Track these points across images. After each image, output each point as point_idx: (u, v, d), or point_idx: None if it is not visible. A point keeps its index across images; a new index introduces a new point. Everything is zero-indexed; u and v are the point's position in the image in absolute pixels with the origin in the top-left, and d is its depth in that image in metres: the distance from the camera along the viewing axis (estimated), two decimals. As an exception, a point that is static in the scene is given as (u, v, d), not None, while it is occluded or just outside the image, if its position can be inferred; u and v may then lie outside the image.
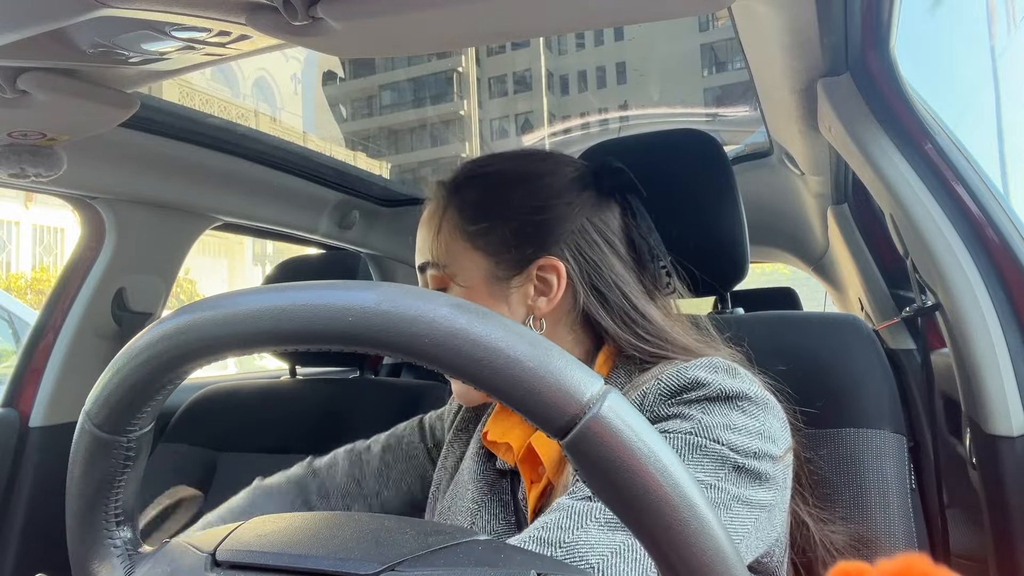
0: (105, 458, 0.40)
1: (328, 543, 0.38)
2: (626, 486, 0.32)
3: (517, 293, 0.71)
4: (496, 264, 0.71)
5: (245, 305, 0.36)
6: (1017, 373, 0.81)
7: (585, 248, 0.72)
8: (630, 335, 0.70)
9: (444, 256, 0.72)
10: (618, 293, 0.71)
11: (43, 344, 1.35)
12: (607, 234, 0.73)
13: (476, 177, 0.75)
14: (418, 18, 0.59)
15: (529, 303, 0.71)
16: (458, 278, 0.71)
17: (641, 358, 0.70)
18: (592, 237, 0.72)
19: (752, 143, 1.69)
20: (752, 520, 0.57)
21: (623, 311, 0.71)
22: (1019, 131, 6.96)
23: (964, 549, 0.95)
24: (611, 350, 0.72)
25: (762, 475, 0.58)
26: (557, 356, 0.33)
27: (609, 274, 0.72)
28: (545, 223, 0.71)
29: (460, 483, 0.77)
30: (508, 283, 0.71)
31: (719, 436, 0.58)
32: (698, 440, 0.57)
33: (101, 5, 0.55)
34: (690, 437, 0.58)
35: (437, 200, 0.75)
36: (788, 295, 2.30)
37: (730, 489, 0.56)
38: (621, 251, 0.74)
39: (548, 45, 31.95)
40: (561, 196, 0.73)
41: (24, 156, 0.89)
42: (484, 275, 0.71)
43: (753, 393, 0.62)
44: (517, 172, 0.75)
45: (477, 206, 0.72)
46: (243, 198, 1.49)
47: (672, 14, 0.63)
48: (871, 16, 0.85)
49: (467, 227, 0.72)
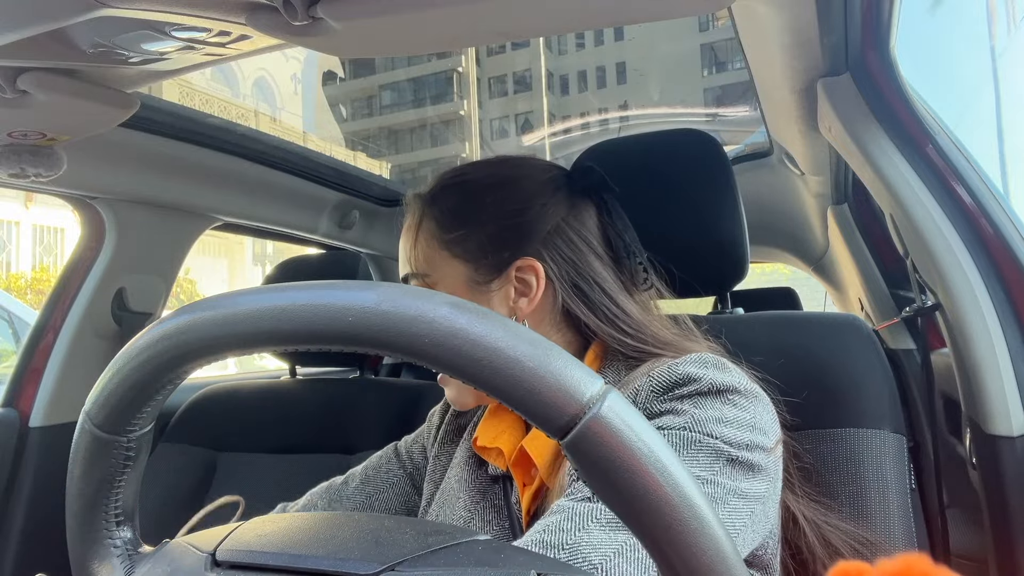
0: (105, 458, 0.40)
1: (328, 543, 0.38)
2: (626, 486, 0.32)
3: (498, 296, 0.72)
4: (475, 269, 0.72)
5: (245, 305, 0.36)
6: (1017, 373, 0.81)
7: (562, 247, 0.73)
8: (612, 330, 0.71)
9: (424, 266, 0.74)
10: (598, 290, 0.73)
11: (43, 344, 1.35)
12: (583, 233, 0.75)
13: (450, 187, 0.77)
14: (418, 18, 0.59)
15: (511, 304, 0.72)
16: (439, 286, 0.72)
17: (627, 355, 0.71)
18: (568, 236, 0.74)
19: (752, 143, 1.69)
20: (748, 513, 0.58)
21: (604, 307, 0.72)
22: (1019, 131, 6.95)
23: (964, 549, 0.95)
24: (599, 348, 0.73)
25: (755, 467, 0.59)
26: (557, 356, 0.33)
27: (588, 271, 0.73)
28: (520, 225, 0.73)
29: (449, 492, 0.77)
30: (488, 287, 0.72)
31: (712, 430, 0.59)
32: (692, 435, 0.58)
33: (101, 5, 0.55)
34: (684, 432, 0.58)
35: (413, 212, 0.76)
36: (788, 295, 2.30)
37: (726, 483, 0.57)
38: (598, 249, 0.75)
39: (548, 45, 31.96)
40: (535, 198, 0.74)
41: (24, 156, 0.89)
42: (464, 281, 0.72)
43: (742, 386, 0.63)
44: (491, 178, 0.76)
45: (453, 215, 0.74)
46: (243, 198, 1.49)
47: (672, 14, 0.63)
48: (871, 16, 0.85)
49: (444, 236, 0.73)
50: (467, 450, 0.79)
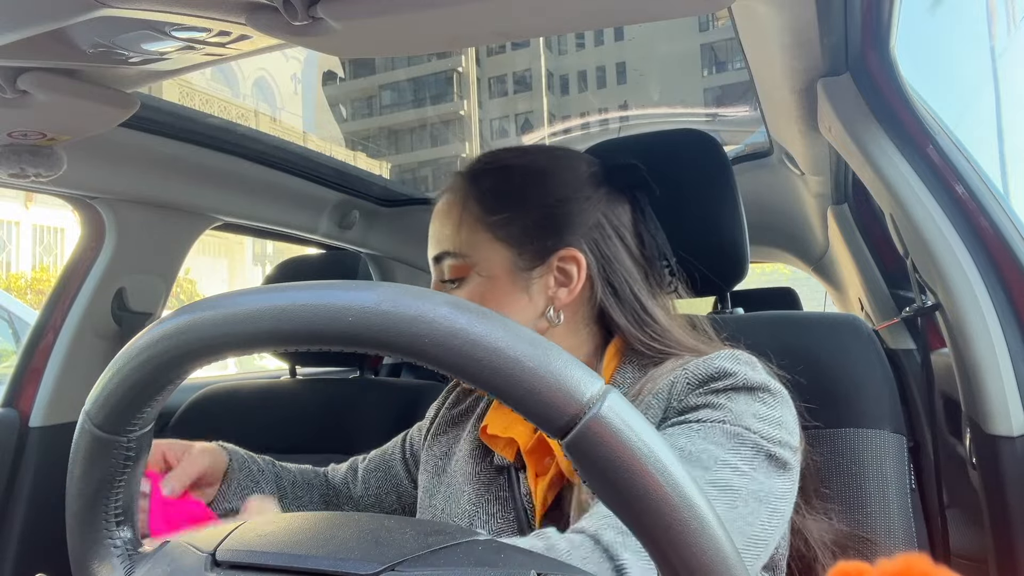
0: (105, 458, 0.40)
1: (328, 543, 0.38)
2: (626, 486, 0.32)
3: (538, 283, 0.72)
4: (518, 254, 0.72)
5: (245, 305, 0.36)
6: (1017, 373, 0.81)
7: (600, 243, 0.73)
8: (639, 331, 0.71)
9: (464, 246, 0.72)
10: (628, 289, 0.73)
11: (43, 344, 1.35)
12: (620, 230, 0.75)
13: (496, 169, 0.76)
14: (418, 18, 0.59)
15: (549, 294, 0.72)
16: (479, 267, 0.72)
17: (646, 354, 0.71)
18: (607, 231, 0.74)
19: (752, 143, 1.69)
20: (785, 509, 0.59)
21: (633, 308, 0.72)
22: (1019, 131, 6.96)
23: (964, 549, 0.95)
24: (619, 345, 0.74)
25: (787, 464, 0.60)
26: (557, 356, 0.33)
27: (622, 269, 0.73)
28: (564, 216, 0.73)
29: (454, 486, 0.77)
30: (529, 273, 0.72)
31: (750, 424, 0.59)
32: (734, 428, 0.59)
33: (101, 5, 0.55)
34: (724, 426, 0.59)
35: (456, 190, 0.75)
36: (788, 295, 2.30)
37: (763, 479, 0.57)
38: (632, 247, 0.75)
39: (548, 45, 31.94)
40: (579, 190, 0.74)
41: (24, 156, 0.89)
42: (506, 265, 0.72)
43: (772, 386, 0.64)
44: (533, 165, 0.76)
45: (498, 196, 0.73)
46: (243, 198, 1.49)
47: (672, 14, 0.63)
48: (871, 16, 0.85)
49: (487, 217, 0.72)
50: (472, 442, 0.78)
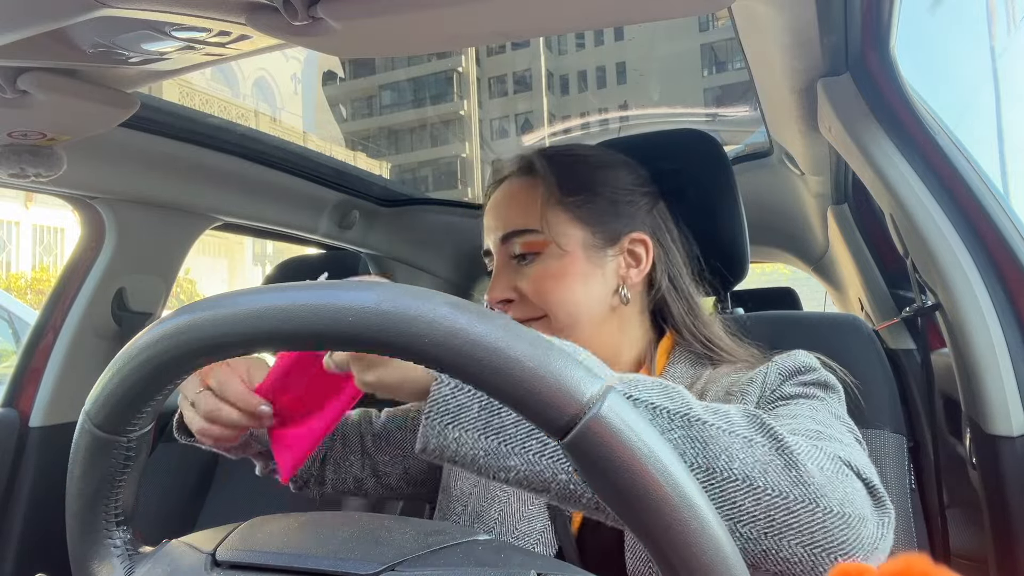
0: (105, 458, 0.40)
1: (328, 543, 0.38)
2: (626, 486, 0.32)
3: (612, 264, 0.76)
4: (593, 234, 0.76)
5: (245, 305, 0.35)
6: (1017, 373, 0.81)
7: (660, 234, 0.79)
8: (691, 324, 0.76)
9: (540, 222, 0.76)
10: (682, 281, 0.78)
11: (43, 344, 1.35)
12: (669, 226, 0.80)
13: (570, 156, 0.81)
14: (418, 18, 0.59)
15: (621, 273, 0.76)
16: (551, 245, 0.75)
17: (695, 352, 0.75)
18: (665, 225, 0.80)
19: (752, 143, 1.69)
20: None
21: (687, 299, 0.78)
22: (1019, 131, 6.96)
23: (964, 549, 0.95)
24: (671, 339, 0.78)
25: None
26: (557, 356, 0.33)
27: (676, 262, 0.79)
28: (631, 204, 0.78)
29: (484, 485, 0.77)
30: (604, 252, 0.76)
31: (840, 413, 0.63)
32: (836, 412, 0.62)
33: (101, 5, 0.55)
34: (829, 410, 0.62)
35: (527, 168, 0.79)
36: (788, 295, 2.29)
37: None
38: (679, 244, 0.81)
39: (548, 45, 31.95)
40: (640, 184, 0.80)
41: (24, 156, 0.89)
42: (581, 243, 0.76)
43: (836, 385, 0.68)
44: (598, 159, 0.81)
45: (575, 179, 0.77)
46: (243, 198, 1.49)
47: (672, 14, 0.63)
48: (871, 16, 0.85)
49: (564, 197, 0.76)
50: None
